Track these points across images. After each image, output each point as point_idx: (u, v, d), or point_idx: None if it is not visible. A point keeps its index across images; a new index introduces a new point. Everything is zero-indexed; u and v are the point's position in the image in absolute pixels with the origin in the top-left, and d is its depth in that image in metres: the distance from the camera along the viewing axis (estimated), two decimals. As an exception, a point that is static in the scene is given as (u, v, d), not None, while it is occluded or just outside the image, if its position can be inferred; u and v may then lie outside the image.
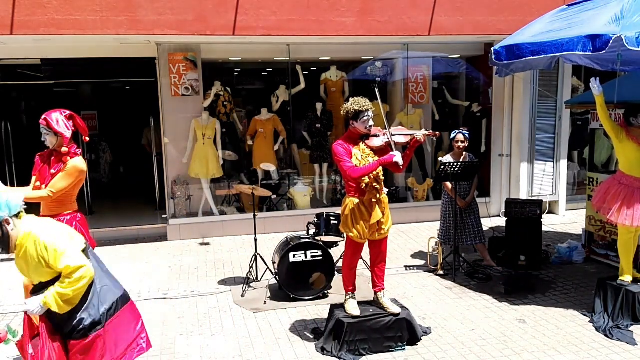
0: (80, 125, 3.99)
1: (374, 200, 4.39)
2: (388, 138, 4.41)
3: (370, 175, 4.33)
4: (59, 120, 3.85)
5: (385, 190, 4.60)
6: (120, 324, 3.14)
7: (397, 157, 4.25)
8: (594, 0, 5.38)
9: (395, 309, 4.55)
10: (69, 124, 3.90)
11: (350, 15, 7.53)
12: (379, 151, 4.44)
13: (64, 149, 3.86)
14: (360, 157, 4.37)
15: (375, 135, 4.47)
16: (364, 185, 4.35)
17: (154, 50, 7.95)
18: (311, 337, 4.77)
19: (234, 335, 4.87)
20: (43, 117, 3.86)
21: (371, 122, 4.42)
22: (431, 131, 4.61)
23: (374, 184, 4.37)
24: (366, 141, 4.45)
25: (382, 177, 4.47)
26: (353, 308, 4.53)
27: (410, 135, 4.47)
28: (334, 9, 7.46)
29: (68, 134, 3.86)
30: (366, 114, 4.37)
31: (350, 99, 4.48)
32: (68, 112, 3.96)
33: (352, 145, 4.41)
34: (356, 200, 4.40)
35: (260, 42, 8.09)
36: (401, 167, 4.33)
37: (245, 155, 9.19)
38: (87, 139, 4.14)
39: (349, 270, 4.62)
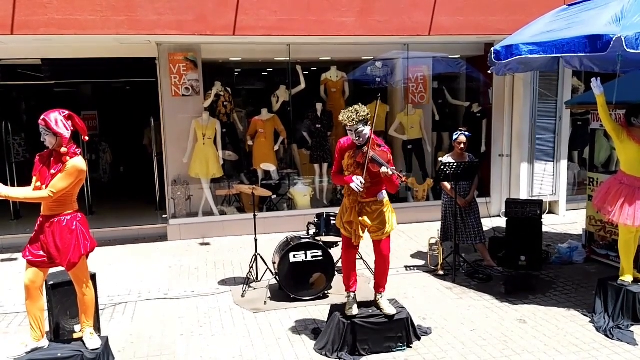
0: (79, 125, 3.98)
1: (354, 202, 4.45)
2: (365, 159, 4.30)
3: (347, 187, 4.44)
4: (57, 121, 3.84)
5: (383, 195, 4.48)
6: None
7: (354, 183, 4.26)
8: (594, 0, 5.38)
9: (391, 310, 4.54)
10: (67, 124, 3.89)
11: (350, 15, 7.53)
12: (373, 163, 4.35)
13: (64, 149, 3.84)
14: (345, 165, 4.46)
15: (362, 151, 4.35)
16: (345, 189, 4.48)
17: (155, 50, 7.95)
18: (311, 337, 4.77)
19: (234, 336, 4.86)
20: (42, 117, 3.85)
21: (357, 137, 4.32)
22: (403, 176, 4.37)
23: (356, 192, 4.37)
24: (359, 152, 4.39)
25: (361, 189, 4.31)
26: (351, 308, 4.53)
27: (381, 166, 4.24)
28: (335, 9, 7.46)
29: (67, 134, 3.85)
30: (348, 128, 4.34)
31: (345, 110, 4.40)
32: (67, 112, 3.95)
33: (348, 148, 4.47)
34: (347, 198, 4.54)
35: (260, 42, 8.09)
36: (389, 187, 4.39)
37: (246, 155, 9.18)
38: (87, 138, 4.12)
39: (344, 267, 4.65)
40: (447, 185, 6.42)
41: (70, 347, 4.02)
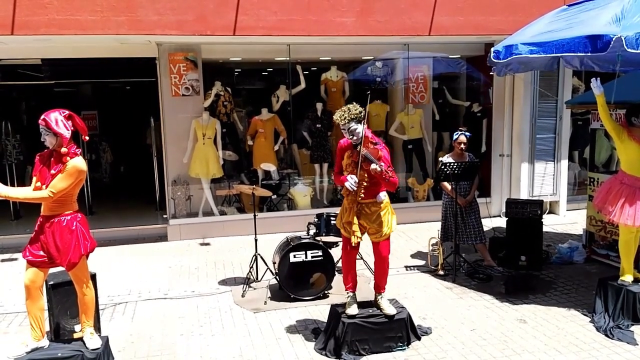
0: (80, 125, 3.98)
1: (353, 203, 4.43)
2: (358, 157, 4.33)
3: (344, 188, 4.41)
4: (57, 121, 3.84)
5: (382, 196, 4.48)
6: None
7: (348, 182, 4.28)
8: (594, 0, 5.38)
9: (391, 310, 4.54)
10: (68, 124, 3.88)
11: (350, 15, 7.53)
12: (366, 162, 4.36)
13: (64, 149, 3.84)
14: (345, 162, 4.45)
15: (357, 150, 4.37)
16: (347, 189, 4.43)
17: (155, 50, 7.95)
18: (311, 337, 4.77)
19: (235, 335, 4.86)
20: (42, 117, 3.85)
21: (350, 136, 4.35)
22: (386, 172, 4.23)
23: (355, 193, 4.37)
24: (354, 150, 4.41)
25: (359, 188, 4.34)
26: (351, 307, 4.53)
27: (371, 162, 4.23)
28: (335, 9, 7.45)
29: (67, 134, 3.85)
30: (342, 127, 4.36)
31: (338, 109, 4.43)
32: (67, 111, 3.95)
33: (347, 148, 4.47)
34: (345, 199, 4.53)
35: (260, 42, 8.09)
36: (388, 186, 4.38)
37: (246, 155, 9.18)
38: (87, 138, 4.12)
39: (344, 266, 4.65)
40: (447, 185, 6.42)
41: (71, 347, 4.02)
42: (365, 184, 4.37)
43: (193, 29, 7.12)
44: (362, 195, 4.39)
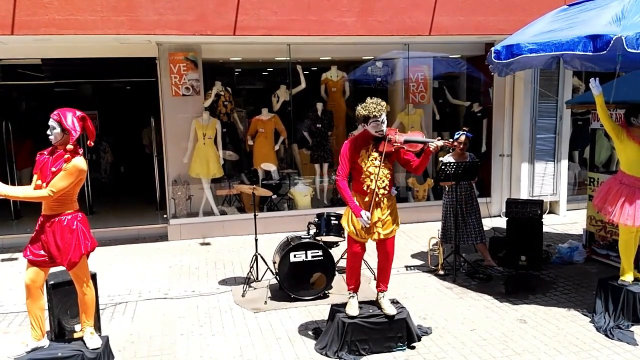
0: (89, 129, 4.02)
1: (367, 199, 4.39)
2: (399, 145, 4.36)
3: (373, 182, 4.33)
4: (70, 118, 3.88)
5: (394, 191, 4.54)
6: None
7: (362, 218, 4.28)
8: (594, 0, 5.38)
9: (391, 311, 4.53)
10: (78, 124, 3.92)
11: (350, 15, 7.53)
12: (394, 154, 4.41)
13: (69, 146, 3.86)
14: (367, 160, 4.36)
15: (387, 140, 4.35)
16: (366, 187, 4.37)
17: (155, 50, 7.96)
18: (312, 337, 4.77)
19: (235, 335, 4.87)
20: (55, 112, 3.89)
21: (382, 127, 4.32)
22: (447, 141, 4.57)
23: (376, 190, 4.35)
24: (379, 144, 4.37)
25: (383, 187, 4.37)
26: (352, 308, 4.53)
27: (424, 143, 4.36)
28: (335, 9, 7.46)
29: (76, 133, 3.87)
30: (374, 119, 4.29)
31: (364, 102, 4.35)
32: (81, 113, 3.99)
33: (363, 145, 4.40)
34: (355, 197, 4.46)
35: (260, 42, 8.09)
36: (417, 170, 4.52)
37: (246, 155, 9.19)
38: (92, 143, 4.16)
39: (349, 268, 4.63)
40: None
41: (71, 346, 4.03)
42: (389, 176, 4.40)
43: (193, 29, 7.12)
44: (387, 188, 4.39)
